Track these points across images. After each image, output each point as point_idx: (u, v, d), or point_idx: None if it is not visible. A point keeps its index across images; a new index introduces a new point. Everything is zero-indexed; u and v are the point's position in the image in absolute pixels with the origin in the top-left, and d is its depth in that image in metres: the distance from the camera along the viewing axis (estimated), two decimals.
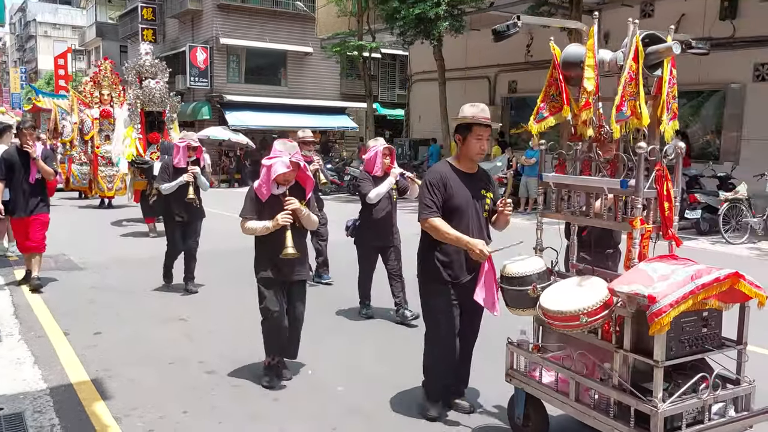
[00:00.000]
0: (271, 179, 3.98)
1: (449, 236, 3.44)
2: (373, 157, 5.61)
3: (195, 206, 6.57)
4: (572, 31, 14.19)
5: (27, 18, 62.82)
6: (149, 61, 11.59)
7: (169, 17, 30.75)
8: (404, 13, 16.33)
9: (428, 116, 22.91)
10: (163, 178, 6.55)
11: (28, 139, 6.38)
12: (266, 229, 4.00)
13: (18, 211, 6.57)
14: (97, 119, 14.75)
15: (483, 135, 3.51)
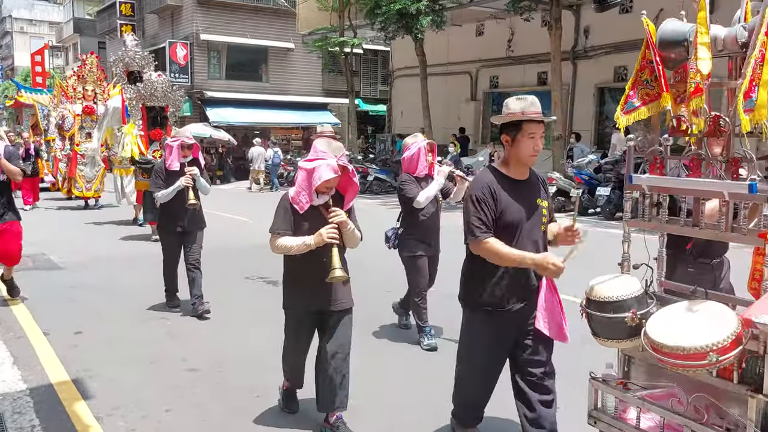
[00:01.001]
0: (313, 187, 3.25)
1: (511, 258, 2.82)
2: (416, 155, 4.89)
3: (196, 212, 5.76)
4: (553, 26, 14.28)
5: (2, 14, 61.66)
6: (139, 54, 11.09)
7: (148, 13, 30.41)
8: (385, 8, 16.34)
9: (410, 112, 22.96)
10: (157, 185, 5.64)
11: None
12: (306, 246, 3.27)
13: None
14: (79, 115, 14.23)
15: (536, 132, 2.89)
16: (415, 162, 4.90)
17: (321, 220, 3.30)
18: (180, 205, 5.59)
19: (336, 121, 30.21)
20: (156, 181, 5.69)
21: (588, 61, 17.56)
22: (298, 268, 3.41)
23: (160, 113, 10.29)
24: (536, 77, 19.03)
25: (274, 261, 4.35)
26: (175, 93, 10.55)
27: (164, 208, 5.75)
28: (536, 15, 16.53)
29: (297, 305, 3.47)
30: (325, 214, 3.30)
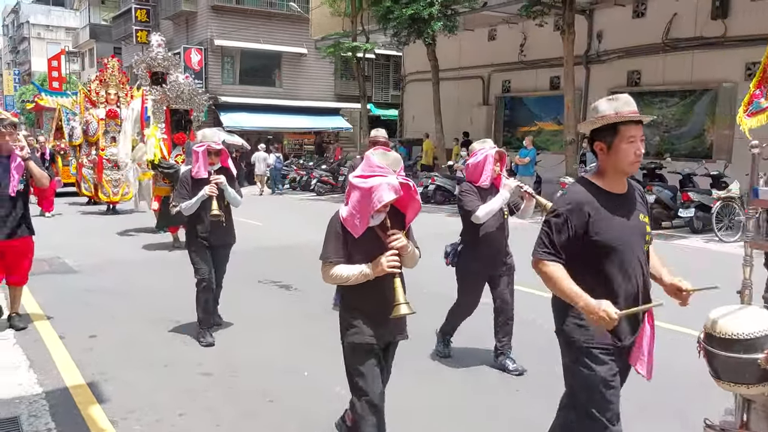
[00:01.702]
0: (371, 210, 2.77)
1: (564, 292, 2.45)
2: (481, 162, 4.39)
3: (222, 225, 5.19)
4: (565, 31, 14.24)
5: (20, 20, 62.63)
6: (162, 54, 10.59)
7: (163, 19, 30.71)
8: (397, 13, 16.38)
9: (422, 116, 22.95)
10: (182, 195, 5.11)
11: (8, 139, 5.03)
12: (364, 277, 2.82)
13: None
14: (102, 120, 14.07)
15: (636, 136, 2.47)
16: (480, 170, 4.40)
17: (378, 244, 2.85)
18: (206, 218, 5.09)
19: (348, 126, 30.33)
20: (180, 191, 5.15)
21: (601, 66, 17.49)
22: (357, 298, 2.95)
23: (184, 117, 9.83)
24: (549, 81, 18.97)
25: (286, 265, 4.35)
26: (201, 96, 10.07)
27: (191, 222, 5.20)
28: (549, 19, 16.50)
29: (363, 339, 2.94)
30: (383, 237, 2.84)
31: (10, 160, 5.01)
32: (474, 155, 4.48)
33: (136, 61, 10.60)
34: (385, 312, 2.82)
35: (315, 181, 20.12)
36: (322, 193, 19.67)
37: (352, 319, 2.96)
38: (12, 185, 5.04)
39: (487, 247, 4.48)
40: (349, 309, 2.99)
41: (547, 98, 19.30)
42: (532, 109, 20.06)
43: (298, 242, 10.30)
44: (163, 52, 10.63)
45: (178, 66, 10.71)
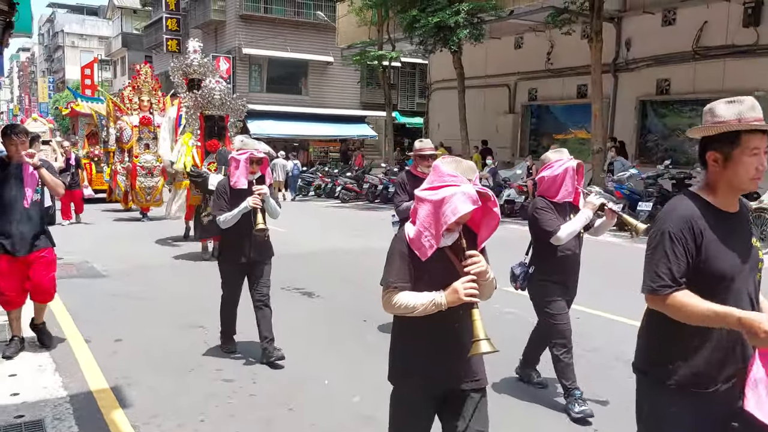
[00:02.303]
0: (443, 225, 2.28)
1: (706, 315, 1.99)
2: (560, 176, 3.94)
3: (264, 240, 4.82)
4: (593, 39, 14.10)
5: (55, 29, 64.34)
6: (197, 60, 10.20)
7: (193, 28, 31.25)
8: (423, 21, 16.41)
9: (447, 124, 22.91)
10: (220, 207, 4.74)
11: (19, 147, 4.66)
12: (435, 307, 2.29)
13: (12, 251, 4.71)
14: (136, 127, 13.94)
15: (761, 147, 2.07)
16: (558, 185, 3.96)
17: (449, 268, 2.36)
18: (246, 231, 4.68)
19: (373, 133, 30.44)
20: (219, 202, 4.76)
21: (629, 74, 17.26)
22: (417, 333, 2.42)
23: (218, 123, 9.37)
24: (576, 90, 18.79)
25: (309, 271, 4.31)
26: (236, 101, 9.56)
27: (227, 235, 4.83)
28: (576, 27, 16.37)
29: (413, 385, 2.47)
30: (454, 261, 2.37)
31: (23, 171, 4.72)
32: (550, 167, 4.01)
33: (172, 68, 10.39)
34: (451, 350, 2.39)
35: (339, 188, 20.19)
36: (347, 201, 19.73)
37: (402, 359, 2.49)
38: (26, 196, 4.72)
39: (563, 272, 4.06)
40: (401, 346, 2.51)
41: (574, 107, 19.11)
42: (559, 118, 19.89)
43: (322, 249, 10.34)
44: (198, 59, 10.28)
45: (215, 72, 10.39)
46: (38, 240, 4.82)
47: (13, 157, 4.69)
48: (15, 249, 4.70)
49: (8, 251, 4.69)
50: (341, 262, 9.20)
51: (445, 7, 16.44)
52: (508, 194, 15.26)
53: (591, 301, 5.96)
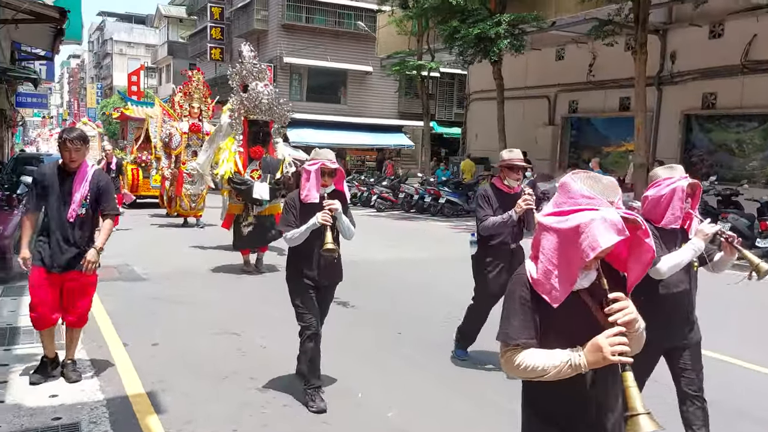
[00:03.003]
0: (582, 261, 1.79)
1: None
2: (667, 197, 3.25)
3: (334, 261, 4.35)
4: (638, 51, 13.82)
5: (104, 37, 66.39)
6: (256, 66, 9.70)
7: (236, 36, 31.83)
8: (464, 32, 16.36)
9: (485, 135, 22.75)
10: (287, 222, 4.24)
11: (73, 154, 4.27)
12: (572, 369, 1.80)
13: (49, 264, 4.29)
14: (186, 134, 13.73)
15: None
16: (664, 207, 3.25)
17: (587, 318, 1.86)
18: (314, 251, 4.22)
19: (410, 143, 30.45)
20: (287, 216, 4.25)
21: (674, 87, 16.87)
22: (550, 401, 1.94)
23: (263, 129, 8.87)
24: (618, 102, 18.45)
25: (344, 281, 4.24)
26: (282, 107, 8.95)
27: (294, 254, 4.37)
28: (620, 39, 16.08)
29: None
30: (593, 309, 1.87)
31: (75, 180, 4.32)
32: (657, 185, 3.31)
33: (231, 74, 9.87)
34: (596, 425, 1.92)
35: (375, 197, 20.20)
36: (382, 210, 19.72)
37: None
38: (71, 209, 4.31)
39: (669, 310, 3.28)
40: (536, 417, 1.99)
41: (616, 119, 18.76)
42: (600, 130, 19.54)
43: (357, 258, 10.29)
44: (257, 63, 9.78)
45: (265, 75, 9.84)
46: (79, 258, 4.32)
47: (66, 164, 4.31)
48: (50, 263, 4.29)
49: (44, 263, 4.30)
50: (376, 272, 9.17)
51: (485, 18, 16.37)
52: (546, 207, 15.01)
53: None
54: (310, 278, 4.29)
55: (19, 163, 13.94)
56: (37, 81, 17.41)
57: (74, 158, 4.29)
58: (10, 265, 7.27)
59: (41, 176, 4.40)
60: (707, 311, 3.61)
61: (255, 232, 8.73)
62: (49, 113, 69.80)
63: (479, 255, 5.07)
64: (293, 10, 28.58)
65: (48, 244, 4.33)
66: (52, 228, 4.33)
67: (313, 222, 4.12)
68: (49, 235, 4.34)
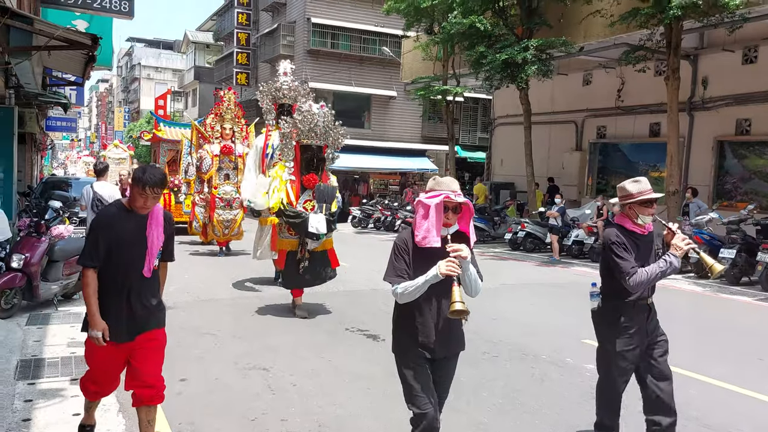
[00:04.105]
0: None
1: None
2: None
3: (460, 326, 3.36)
4: (670, 76, 13.57)
5: (133, 62, 67.88)
6: (287, 84, 9.30)
7: (261, 62, 32.21)
8: (490, 58, 16.25)
9: (511, 160, 22.57)
10: (397, 271, 3.25)
11: (149, 202, 3.50)
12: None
13: (120, 332, 3.50)
14: (217, 156, 13.03)
15: None
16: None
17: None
18: (430, 310, 3.26)
19: (434, 167, 30.33)
20: (397, 264, 3.27)
21: (706, 113, 16.54)
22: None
23: (316, 154, 8.01)
24: (648, 128, 18.14)
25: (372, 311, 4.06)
26: (337, 130, 8.10)
27: (402, 314, 3.35)
28: (650, 64, 15.86)
29: None
30: None
31: (150, 225, 3.56)
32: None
33: (261, 92, 9.49)
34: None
35: (399, 222, 20.05)
36: None
37: None
38: (148, 262, 3.54)
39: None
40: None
41: (645, 145, 18.43)
42: (629, 156, 19.20)
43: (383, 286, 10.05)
44: (289, 81, 9.40)
45: (308, 95, 9.36)
46: (153, 318, 3.62)
47: (137, 209, 3.53)
48: (122, 331, 3.50)
49: (114, 335, 3.47)
50: None
51: (512, 43, 16.27)
52: (576, 235, 14.70)
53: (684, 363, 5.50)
54: (426, 347, 3.26)
55: (48, 187, 14.02)
56: (67, 105, 17.68)
57: (148, 206, 3.51)
58: (37, 293, 7.19)
59: (107, 221, 3.52)
60: None
61: (310, 270, 7.90)
62: (77, 136, 71.20)
63: (608, 314, 3.92)
64: (318, 36, 28.85)
65: (117, 308, 3.48)
66: (120, 286, 3.49)
67: (434, 273, 3.12)
68: (118, 297, 3.48)
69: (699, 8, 12.27)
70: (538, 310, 8.76)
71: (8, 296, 6.92)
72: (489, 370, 5.77)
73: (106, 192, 9.45)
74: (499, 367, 5.95)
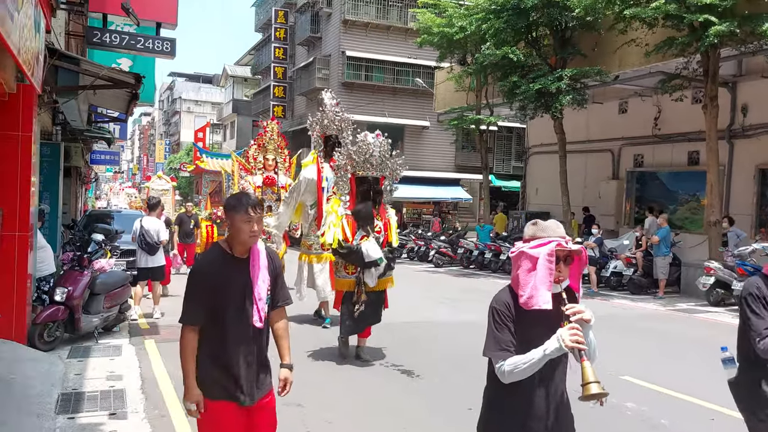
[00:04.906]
0: None
1: None
2: None
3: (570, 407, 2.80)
4: (708, 105, 13.35)
5: (174, 96, 70.06)
6: (338, 116, 9.08)
7: (297, 95, 32.91)
8: (524, 88, 16.27)
9: (546, 189, 22.35)
10: (501, 344, 2.58)
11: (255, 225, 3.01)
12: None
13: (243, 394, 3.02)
14: (259, 187, 12.42)
15: None
16: None
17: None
18: (544, 390, 2.63)
19: (468, 196, 30.29)
20: (499, 335, 2.60)
21: (746, 141, 16.16)
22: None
23: (373, 186, 7.40)
24: (686, 156, 17.80)
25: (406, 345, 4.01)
26: (394, 160, 7.57)
27: (506, 393, 2.63)
28: (687, 92, 15.64)
29: None
30: None
31: (253, 266, 3.06)
32: None
33: (311, 123, 9.31)
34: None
35: (433, 252, 19.97)
36: (440, 265, 19.43)
37: None
38: (257, 310, 3.03)
39: None
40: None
41: (684, 173, 18.06)
42: (668, 185, 18.84)
43: (418, 319, 10.05)
44: (339, 112, 9.24)
45: (351, 127, 9.34)
46: (266, 378, 3.17)
47: (244, 242, 3.02)
48: (244, 395, 3.00)
49: (235, 397, 2.99)
50: (440, 336, 8.87)
51: (546, 73, 16.27)
52: (614, 266, 14.41)
53: None
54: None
55: (91, 220, 14.43)
56: (111, 140, 18.28)
57: (256, 231, 3.02)
58: (79, 326, 7.38)
59: (207, 268, 3.04)
60: None
61: (368, 311, 7.23)
62: (119, 168, 73.44)
63: (750, 385, 3.17)
64: (353, 69, 29.38)
65: (232, 365, 2.98)
66: (231, 342, 2.98)
67: (555, 346, 2.43)
68: (228, 353, 2.99)
69: (736, 36, 12.11)
70: None
71: (51, 329, 7.10)
72: None
73: (153, 227, 9.77)
74: None
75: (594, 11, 14.05)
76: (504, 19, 16.59)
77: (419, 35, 20.96)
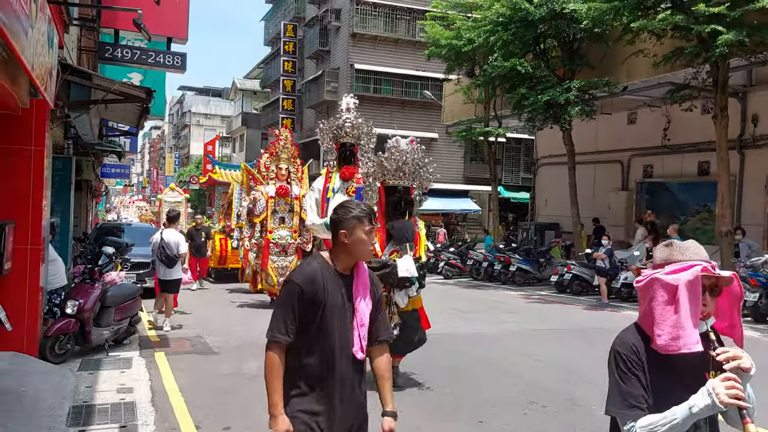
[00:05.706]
0: None
1: None
2: None
3: None
4: (718, 115, 13.30)
5: (183, 109, 70.61)
6: (351, 121, 8.66)
7: (306, 107, 33.11)
8: (532, 99, 16.29)
9: (555, 200, 22.31)
10: (631, 400, 1.99)
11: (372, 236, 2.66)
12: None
13: None
14: (272, 198, 11.96)
15: None
16: None
17: None
18: None
19: (477, 208, 30.25)
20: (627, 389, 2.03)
21: (757, 151, 16.09)
22: None
23: (404, 197, 6.78)
24: (696, 167, 17.73)
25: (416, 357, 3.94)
26: (427, 168, 7.02)
27: None
28: (696, 102, 15.61)
29: None
30: None
31: (357, 287, 2.62)
32: None
33: (321, 130, 8.88)
34: None
35: (443, 263, 19.92)
36: (450, 277, 19.38)
37: None
38: (357, 336, 2.58)
39: None
40: None
41: (694, 184, 17.98)
42: (678, 196, 18.75)
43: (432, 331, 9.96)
44: (352, 118, 8.72)
45: (371, 136, 8.78)
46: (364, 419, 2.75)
47: (365, 255, 2.65)
48: None
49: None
50: (450, 348, 8.82)
51: (555, 84, 16.29)
52: (625, 277, 14.31)
53: None
54: None
55: (102, 233, 14.52)
56: (122, 154, 18.45)
57: (374, 244, 2.73)
58: (90, 338, 7.40)
59: (310, 281, 2.51)
60: None
61: (400, 337, 6.52)
62: (129, 181, 73.95)
63: None
64: (361, 81, 29.54)
65: (327, 400, 2.50)
66: (326, 371, 2.51)
67: (706, 403, 1.88)
68: (322, 384, 2.51)
69: (746, 46, 12.09)
70: (588, 356, 8.50)
71: (62, 342, 7.13)
72: (537, 422, 5.60)
73: (173, 239, 9.79)
74: (548, 419, 5.77)
75: (602, 23, 14.08)
76: (512, 31, 16.65)
77: (427, 48, 21.06)
